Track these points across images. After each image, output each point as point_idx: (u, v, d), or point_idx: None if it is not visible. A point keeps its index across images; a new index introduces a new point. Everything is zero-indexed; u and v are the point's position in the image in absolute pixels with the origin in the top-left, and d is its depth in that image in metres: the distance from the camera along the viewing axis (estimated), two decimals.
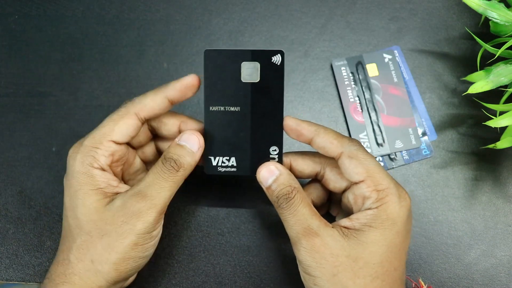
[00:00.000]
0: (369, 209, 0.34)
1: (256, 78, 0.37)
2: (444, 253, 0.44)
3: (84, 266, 0.34)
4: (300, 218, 0.34)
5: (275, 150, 0.38)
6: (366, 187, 0.34)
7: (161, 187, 0.35)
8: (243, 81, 0.37)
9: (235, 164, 0.38)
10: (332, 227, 0.34)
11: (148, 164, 0.41)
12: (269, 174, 0.36)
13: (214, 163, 0.38)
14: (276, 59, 0.36)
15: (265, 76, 0.36)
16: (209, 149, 0.38)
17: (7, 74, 0.49)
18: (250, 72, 0.36)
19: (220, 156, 0.38)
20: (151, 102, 0.36)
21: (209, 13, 0.50)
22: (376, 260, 0.33)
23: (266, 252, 0.43)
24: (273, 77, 0.36)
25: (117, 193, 0.36)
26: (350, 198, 0.36)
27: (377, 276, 0.33)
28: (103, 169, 0.36)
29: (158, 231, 0.36)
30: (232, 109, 0.37)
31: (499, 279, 0.43)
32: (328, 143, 0.36)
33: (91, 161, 0.35)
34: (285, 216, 0.35)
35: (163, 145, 0.40)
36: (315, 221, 0.34)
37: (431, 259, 0.44)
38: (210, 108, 0.37)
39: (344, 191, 0.37)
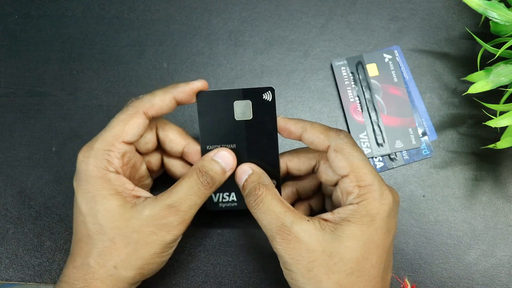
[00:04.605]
0: (350, 204, 0.34)
1: (249, 116, 0.37)
2: (444, 253, 0.44)
3: (106, 271, 0.34)
4: (273, 216, 0.34)
5: (273, 183, 0.38)
6: (349, 182, 0.34)
7: (194, 202, 0.35)
8: (237, 119, 0.37)
9: (235, 199, 0.39)
10: (308, 220, 0.34)
11: (151, 172, 0.41)
12: (243, 173, 0.37)
13: (215, 200, 0.39)
14: (267, 95, 0.37)
15: (257, 113, 0.37)
16: None
17: (7, 74, 0.49)
18: (242, 110, 0.37)
19: (220, 192, 0.39)
20: (159, 102, 0.36)
21: (209, 13, 0.50)
22: (352, 256, 0.32)
23: (266, 252, 0.43)
24: (265, 113, 0.37)
25: (135, 197, 0.35)
26: (338, 192, 0.36)
27: (351, 272, 0.32)
28: (117, 172, 0.35)
29: (180, 239, 0.37)
30: (228, 146, 0.38)
31: (499, 279, 0.43)
32: (315, 138, 0.36)
33: (106, 165, 0.35)
34: (257, 215, 0.35)
35: (167, 159, 0.40)
36: (289, 217, 0.33)
37: (431, 259, 0.44)
38: (207, 147, 0.38)
39: (336, 184, 0.37)
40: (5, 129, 0.47)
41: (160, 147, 0.40)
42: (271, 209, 0.34)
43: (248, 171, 0.37)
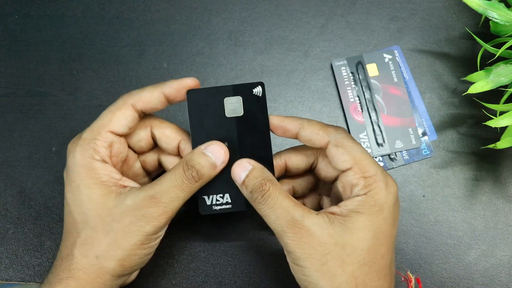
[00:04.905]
0: (357, 195, 0.34)
1: (240, 112, 0.37)
2: (444, 253, 0.44)
3: (88, 261, 0.34)
4: (281, 211, 0.33)
5: None
6: (353, 174, 0.34)
7: (176, 195, 0.34)
8: (228, 116, 0.37)
9: (229, 201, 0.38)
10: (317, 214, 0.33)
11: (148, 173, 0.41)
12: (242, 170, 0.36)
13: (208, 202, 0.38)
14: (257, 90, 0.37)
15: (248, 109, 0.37)
16: (202, 189, 0.36)
17: (7, 74, 0.49)
18: (233, 107, 0.37)
19: (213, 194, 0.38)
20: (147, 95, 0.36)
21: (209, 13, 0.50)
22: (364, 246, 0.32)
23: (266, 252, 0.43)
24: (256, 109, 0.37)
25: (121, 186, 0.35)
26: (339, 187, 0.36)
27: (364, 262, 0.32)
28: (104, 161, 0.35)
29: (164, 230, 0.36)
30: None
31: (499, 279, 0.43)
32: (314, 135, 0.36)
33: (92, 153, 0.35)
34: (264, 211, 0.34)
35: (165, 158, 0.40)
36: (298, 211, 0.33)
37: (431, 259, 0.44)
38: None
39: (335, 180, 0.37)
40: (5, 129, 0.47)
41: (156, 148, 0.40)
42: (280, 203, 0.33)
43: (247, 167, 0.36)
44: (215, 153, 0.36)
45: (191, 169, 0.35)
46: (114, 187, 0.35)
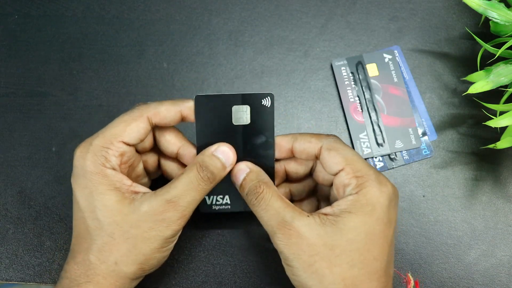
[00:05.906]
0: (349, 195, 0.34)
1: (247, 121, 0.37)
2: (444, 253, 0.44)
3: (107, 267, 0.34)
4: (273, 212, 0.34)
5: None
6: (345, 174, 0.34)
7: (193, 198, 0.35)
8: (234, 124, 0.37)
9: (229, 202, 0.39)
10: (308, 215, 0.33)
11: (148, 173, 0.41)
12: (240, 172, 0.37)
13: (209, 202, 0.39)
14: (266, 101, 0.37)
15: (255, 118, 0.37)
16: None
17: (7, 74, 0.49)
18: (240, 115, 0.37)
19: (214, 195, 0.39)
20: (165, 111, 0.36)
21: (209, 13, 0.50)
22: (353, 247, 0.32)
23: (266, 252, 0.43)
24: (264, 118, 0.37)
25: (133, 192, 0.35)
26: (333, 190, 0.36)
27: (354, 264, 0.32)
28: (114, 169, 0.35)
29: (180, 232, 0.37)
30: None
31: (499, 279, 0.43)
32: (306, 143, 0.36)
33: (103, 161, 0.35)
34: (258, 212, 0.35)
35: (164, 161, 0.40)
36: (289, 212, 0.33)
37: (431, 259, 0.44)
38: None
39: (332, 184, 0.38)
40: (5, 129, 0.47)
41: (157, 148, 0.40)
42: (272, 205, 0.34)
43: (245, 170, 0.37)
44: (225, 154, 0.36)
45: (206, 170, 0.35)
46: (127, 193, 0.35)
